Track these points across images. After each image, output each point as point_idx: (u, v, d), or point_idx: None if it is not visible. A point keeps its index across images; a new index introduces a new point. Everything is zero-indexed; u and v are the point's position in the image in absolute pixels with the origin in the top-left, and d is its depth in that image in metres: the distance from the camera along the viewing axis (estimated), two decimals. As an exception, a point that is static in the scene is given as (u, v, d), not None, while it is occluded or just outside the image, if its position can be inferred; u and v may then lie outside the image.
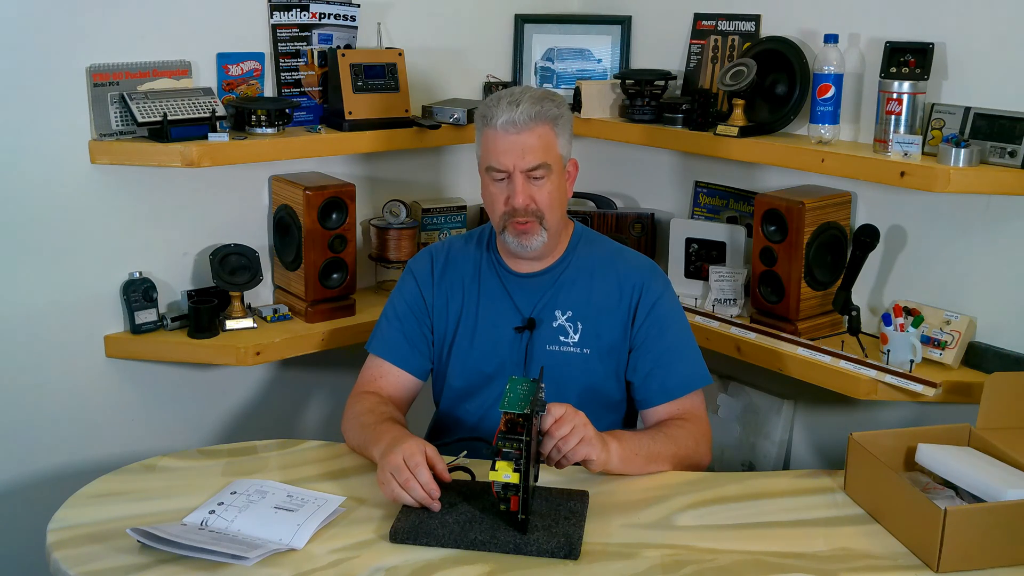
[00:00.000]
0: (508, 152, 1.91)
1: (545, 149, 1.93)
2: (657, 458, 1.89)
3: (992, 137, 2.11)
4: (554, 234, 2.00)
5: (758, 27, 2.62)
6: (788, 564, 1.61)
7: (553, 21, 2.98)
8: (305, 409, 2.87)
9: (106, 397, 2.47)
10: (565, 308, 2.04)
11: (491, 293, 2.07)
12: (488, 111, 1.94)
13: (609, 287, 2.04)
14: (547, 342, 2.03)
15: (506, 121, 1.90)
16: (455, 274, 2.10)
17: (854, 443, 1.82)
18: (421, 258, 2.14)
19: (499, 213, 1.97)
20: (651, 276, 2.06)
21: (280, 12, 2.55)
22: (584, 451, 1.75)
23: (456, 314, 2.08)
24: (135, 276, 2.43)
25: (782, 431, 2.67)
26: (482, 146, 1.97)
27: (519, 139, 1.91)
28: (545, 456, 1.75)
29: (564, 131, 1.97)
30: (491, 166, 1.94)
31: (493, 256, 2.09)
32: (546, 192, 1.95)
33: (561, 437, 1.72)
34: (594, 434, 1.77)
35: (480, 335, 2.06)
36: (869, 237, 2.29)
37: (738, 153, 2.47)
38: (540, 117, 1.91)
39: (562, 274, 2.05)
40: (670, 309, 2.05)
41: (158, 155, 2.30)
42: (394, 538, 1.64)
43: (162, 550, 1.58)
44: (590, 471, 1.83)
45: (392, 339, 2.08)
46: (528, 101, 1.91)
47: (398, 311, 2.10)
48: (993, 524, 1.60)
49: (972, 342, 2.25)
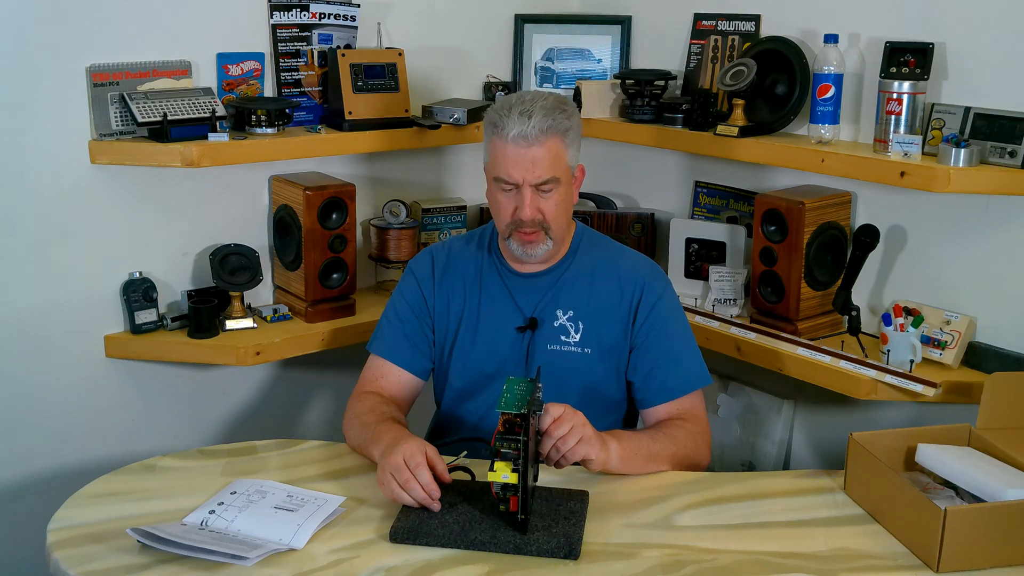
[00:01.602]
0: (517, 165, 1.90)
1: (555, 162, 1.92)
2: (657, 458, 1.89)
3: (992, 137, 2.11)
4: (558, 241, 2.01)
5: (758, 27, 2.62)
6: (788, 564, 1.61)
7: (553, 21, 2.98)
8: (305, 409, 2.87)
9: (106, 397, 2.47)
10: (566, 308, 2.04)
11: (492, 293, 2.07)
12: (499, 120, 1.92)
13: (610, 287, 2.04)
14: (548, 342, 2.03)
15: (517, 135, 1.88)
16: (456, 274, 2.10)
17: (854, 443, 1.82)
18: (422, 258, 2.14)
19: (505, 222, 1.97)
20: (652, 276, 2.06)
21: (280, 12, 2.55)
22: (583, 451, 1.75)
23: (457, 314, 2.08)
24: (135, 276, 2.43)
25: (782, 431, 2.67)
26: (491, 154, 1.96)
27: (529, 152, 1.89)
28: (544, 456, 1.75)
29: (574, 142, 1.97)
30: (499, 177, 1.94)
31: (495, 256, 2.09)
32: (553, 204, 1.94)
33: (560, 437, 1.73)
34: (593, 434, 1.77)
35: (481, 335, 2.06)
36: (869, 237, 2.29)
37: (738, 153, 2.47)
38: (551, 131, 1.90)
39: (564, 274, 2.05)
40: (671, 309, 2.05)
41: (158, 155, 2.30)
42: (394, 538, 1.64)
43: (162, 550, 1.58)
44: (589, 471, 1.83)
45: (393, 339, 2.08)
46: (540, 113, 1.89)
47: (399, 311, 2.10)
48: (993, 524, 1.60)
49: (972, 342, 2.25)
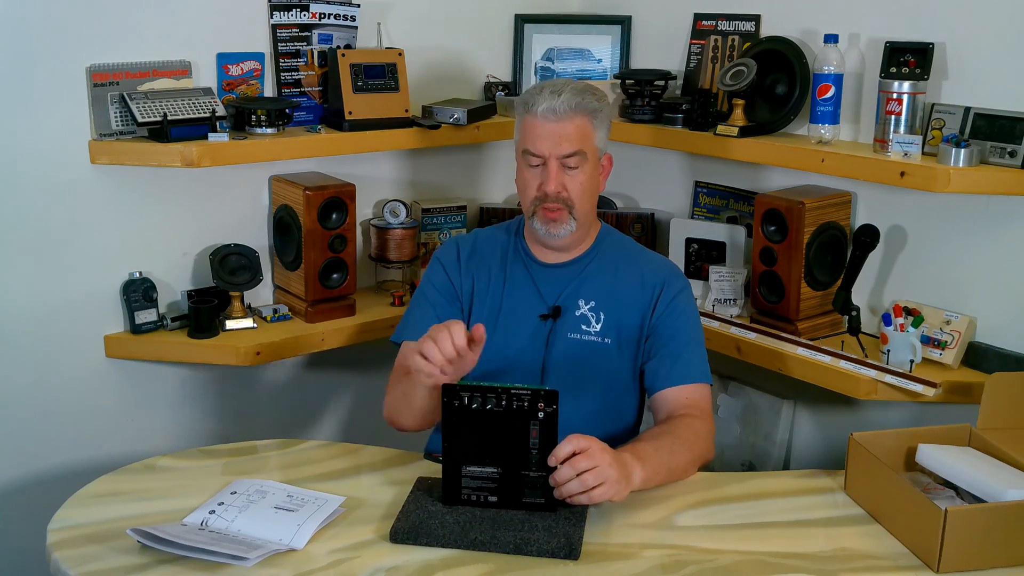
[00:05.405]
0: (545, 138, 1.96)
1: (582, 139, 1.97)
2: (675, 471, 1.86)
3: (992, 137, 2.11)
4: (583, 224, 2.03)
5: (758, 27, 2.62)
6: (788, 564, 1.61)
7: (553, 21, 2.98)
8: (305, 409, 2.87)
9: (106, 397, 2.47)
10: (589, 298, 2.06)
11: (517, 280, 2.09)
12: (530, 98, 1.99)
13: (632, 281, 2.07)
14: (569, 330, 2.05)
15: (546, 109, 1.95)
16: (481, 260, 2.12)
17: (854, 443, 1.82)
18: (447, 246, 2.17)
19: (530, 198, 2.01)
20: (673, 275, 2.10)
21: (280, 12, 2.55)
22: (603, 494, 1.66)
23: (482, 298, 2.10)
24: (135, 276, 2.43)
25: (782, 431, 2.67)
26: (520, 131, 2.02)
27: (558, 127, 1.95)
28: (559, 484, 1.67)
29: (602, 125, 2.02)
30: (527, 150, 1.98)
31: (520, 245, 2.11)
32: (579, 182, 1.98)
33: (581, 471, 1.64)
34: (617, 476, 1.67)
35: (504, 320, 2.07)
36: (869, 237, 2.29)
37: (738, 153, 2.47)
38: (580, 108, 1.96)
39: (587, 266, 2.08)
40: (687, 307, 2.07)
41: (158, 155, 2.30)
42: (394, 538, 1.64)
43: (162, 550, 1.58)
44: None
45: (425, 322, 2.03)
46: (570, 92, 1.96)
47: (429, 297, 2.11)
48: (993, 524, 1.60)
49: (972, 342, 2.25)
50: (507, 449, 1.68)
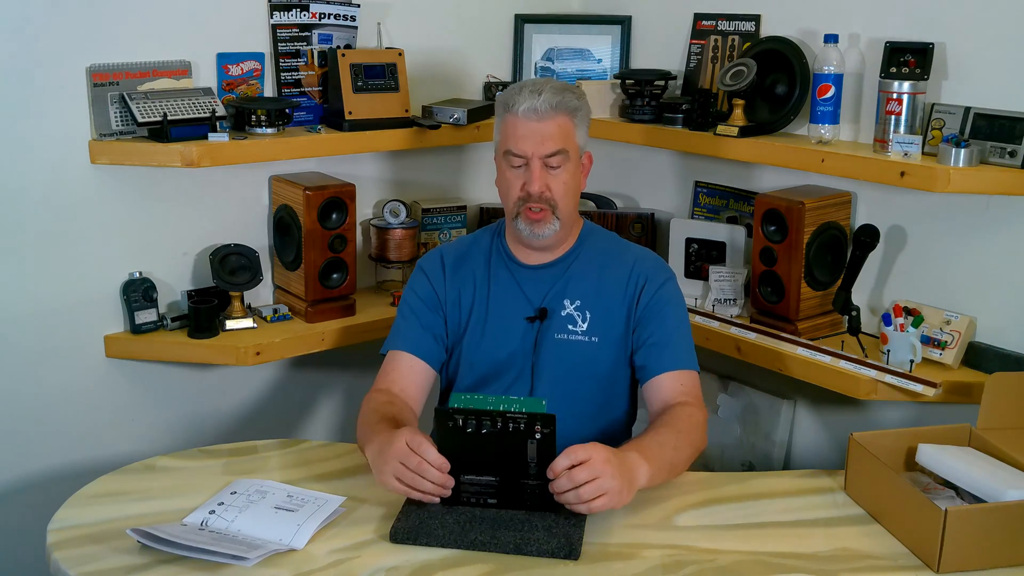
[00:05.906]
0: (527, 138, 1.95)
1: (564, 137, 1.97)
2: (677, 467, 1.87)
3: (992, 137, 2.11)
4: (566, 224, 2.03)
5: (758, 27, 2.62)
6: (788, 564, 1.61)
7: (553, 21, 2.98)
8: (305, 409, 2.87)
9: (106, 397, 2.47)
10: (574, 297, 2.05)
11: (502, 285, 2.09)
12: (510, 98, 1.98)
13: (617, 277, 2.06)
14: (556, 331, 2.05)
15: (528, 108, 1.94)
16: (466, 269, 2.11)
17: (854, 443, 1.82)
18: (431, 256, 2.16)
19: (513, 199, 2.00)
20: (657, 267, 2.09)
21: (280, 12, 2.55)
22: (604, 504, 1.64)
23: (468, 306, 2.09)
24: (135, 276, 2.43)
25: (782, 431, 2.67)
26: (501, 132, 2.01)
27: (539, 126, 1.95)
28: (560, 493, 1.65)
29: (583, 123, 2.02)
30: (509, 150, 1.98)
31: (503, 249, 2.10)
32: (561, 181, 1.98)
33: (581, 482, 1.62)
34: (619, 487, 1.65)
35: (491, 325, 2.07)
36: (869, 237, 2.29)
37: (738, 153, 2.47)
38: (561, 107, 1.96)
39: (571, 265, 2.08)
40: (672, 296, 2.07)
41: (158, 155, 2.30)
42: (394, 538, 1.64)
43: (162, 550, 1.58)
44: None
45: (409, 331, 2.07)
46: (550, 91, 1.96)
47: (412, 307, 2.10)
48: (993, 524, 1.60)
49: (972, 342, 2.25)
50: (505, 463, 1.68)
